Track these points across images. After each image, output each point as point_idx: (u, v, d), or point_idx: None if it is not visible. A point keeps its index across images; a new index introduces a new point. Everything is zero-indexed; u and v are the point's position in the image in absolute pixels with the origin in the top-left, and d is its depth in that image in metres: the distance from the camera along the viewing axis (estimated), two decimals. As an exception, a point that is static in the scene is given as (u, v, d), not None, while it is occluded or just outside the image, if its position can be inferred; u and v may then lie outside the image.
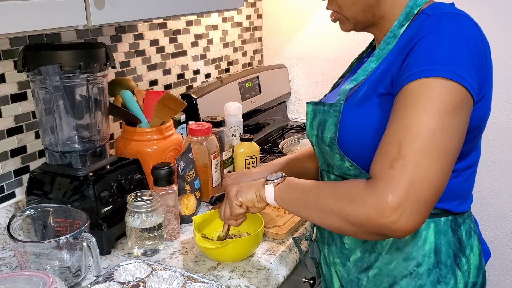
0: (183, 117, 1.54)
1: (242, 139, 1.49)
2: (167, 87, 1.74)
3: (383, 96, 0.86)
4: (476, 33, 0.82)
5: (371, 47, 1.08)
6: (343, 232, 0.87)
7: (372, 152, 0.87)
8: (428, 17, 0.84)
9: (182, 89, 1.81)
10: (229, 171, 1.52)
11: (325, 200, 0.84)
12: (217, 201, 1.17)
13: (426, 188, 0.74)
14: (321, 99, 1.09)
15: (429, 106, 0.75)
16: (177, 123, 1.51)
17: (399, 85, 0.81)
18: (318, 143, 1.00)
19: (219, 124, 1.49)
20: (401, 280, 0.92)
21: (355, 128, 0.90)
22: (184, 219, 1.29)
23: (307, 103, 1.03)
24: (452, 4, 0.91)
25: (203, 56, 1.90)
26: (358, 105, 0.89)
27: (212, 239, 1.17)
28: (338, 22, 1.00)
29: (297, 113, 2.35)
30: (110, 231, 1.16)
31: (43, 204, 1.13)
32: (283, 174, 0.96)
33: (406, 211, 0.74)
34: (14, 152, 1.25)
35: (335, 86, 1.12)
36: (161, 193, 1.19)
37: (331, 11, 0.98)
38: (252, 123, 2.04)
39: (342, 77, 1.12)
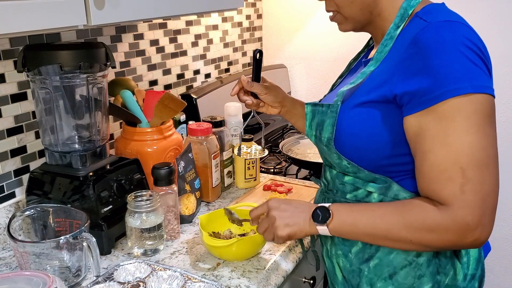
0: (183, 117, 1.54)
1: (242, 139, 1.49)
2: (167, 87, 1.74)
3: (380, 104, 0.89)
4: (476, 37, 0.85)
5: (368, 46, 1.10)
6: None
7: (369, 152, 0.91)
8: (426, 26, 0.84)
9: (182, 89, 1.81)
10: (229, 171, 1.52)
11: (398, 233, 0.87)
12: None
13: (493, 198, 0.83)
14: (320, 100, 1.10)
15: (470, 126, 0.80)
16: (177, 123, 1.51)
17: (420, 105, 0.83)
18: (316, 143, 1.02)
19: (219, 124, 1.49)
20: (401, 270, 0.94)
21: (351, 130, 0.92)
22: (184, 219, 1.29)
23: (307, 104, 1.05)
24: (443, 4, 0.92)
25: (203, 56, 1.90)
26: (356, 108, 0.92)
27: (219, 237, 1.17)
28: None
29: (297, 113, 2.34)
30: (110, 231, 1.16)
31: (43, 204, 1.13)
32: (328, 208, 0.93)
33: (485, 226, 0.82)
34: (14, 152, 1.25)
35: (333, 87, 1.13)
36: (161, 193, 1.19)
37: (330, 12, 1.00)
38: (252, 123, 2.03)
39: (340, 77, 1.13)
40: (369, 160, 0.92)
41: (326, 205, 0.94)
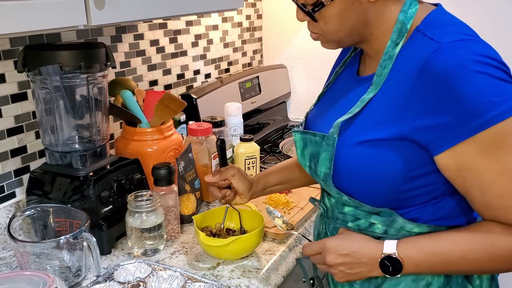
0: (183, 117, 1.54)
1: (242, 139, 1.49)
2: (167, 87, 1.74)
3: (392, 142, 0.82)
4: (492, 50, 0.79)
5: (355, 51, 1.01)
6: None
7: (374, 189, 0.84)
8: (438, 48, 0.76)
9: (182, 89, 1.81)
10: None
11: (483, 266, 0.81)
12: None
13: None
14: (308, 113, 1.03)
15: None
16: (177, 123, 1.51)
17: (455, 139, 0.76)
18: (312, 175, 0.95)
19: (219, 124, 1.49)
20: None
21: (356, 168, 0.85)
22: (184, 219, 1.29)
23: (294, 131, 0.98)
24: (442, 10, 0.85)
25: (203, 56, 1.90)
26: (360, 145, 0.84)
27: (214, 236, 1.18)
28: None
29: (297, 113, 2.35)
30: (110, 231, 1.16)
31: (43, 204, 1.13)
32: (398, 258, 0.83)
33: None
34: (14, 152, 1.26)
35: (320, 97, 1.04)
36: (161, 193, 1.19)
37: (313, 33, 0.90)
38: (252, 123, 2.04)
39: (327, 85, 1.04)
40: (374, 196, 0.86)
41: (394, 253, 0.83)
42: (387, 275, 0.84)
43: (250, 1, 2.15)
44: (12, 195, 1.27)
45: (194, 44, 1.85)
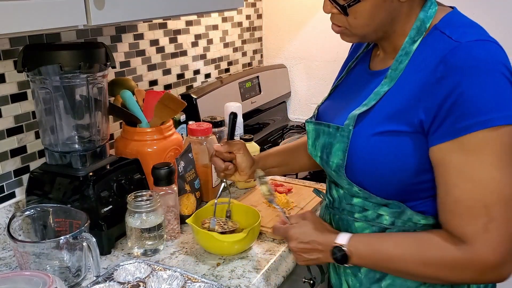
0: (183, 117, 1.54)
1: (242, 139, 1.49)
2: (167, 87, 1.74)
3: (407, 134, 0.84)
4: (507, 58, 0.81)
5: (367, 46, 1.04)
6: None
7: (386, 181, 0.87)
8: (456, 47, 0.79)
9: (182, 89, 1.81)
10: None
11: (416, 269, 0.85)
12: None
13: None
14: (319, 106, 1.05)
15: (497, 161, 0.77)
16: (177, 123, 1.51)
17: (446, 136, 0.79)
18: (322, 165, 0.97)
19: (219, 124, 1.49)
20: None
21: (370, 159, 0.87)
22: (184, 219, 1.29)
23: (307, 121, 1.00)
24: (459, 12, 0.88)
25: (203, 56, 1.90)
26: (376, 136, 0.87)
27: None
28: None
29: (297, 113, 2.35)
30: (110, 231, 1.16)
31: (43, 204, 1.13)
32: (346, 251, 0.89)
33: (508, 263, 0.79)
34: (14, 152, 1.25)
35: (332, 91, 1.07)
36: (161, 193, 1.19)
37: (337, 26, 0.93)
38: (252, 123, 2.04)
39: (339, 80, 1.07)
40: (385, 188, 0.88)
41: (344, 245, 0.89)
42: (336, 263, 0.91)
43: (250, 1, 2.15)
44: (12, 195, 1.26)
45: (194, 44, 1.85)
